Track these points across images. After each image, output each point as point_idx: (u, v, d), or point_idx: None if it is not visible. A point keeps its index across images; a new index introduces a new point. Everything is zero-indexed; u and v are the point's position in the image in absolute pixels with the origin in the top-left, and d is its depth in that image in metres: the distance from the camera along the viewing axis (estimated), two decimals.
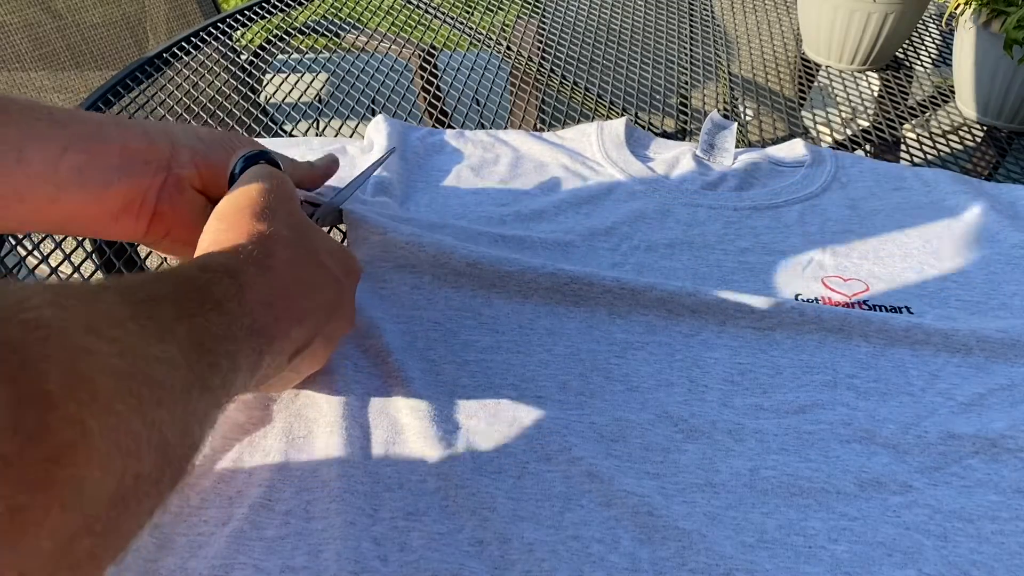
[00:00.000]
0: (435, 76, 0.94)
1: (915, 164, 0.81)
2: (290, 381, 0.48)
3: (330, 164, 0.59)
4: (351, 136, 0.79)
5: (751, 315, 0.55)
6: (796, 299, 0.58)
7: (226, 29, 0.98)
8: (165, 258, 0.62)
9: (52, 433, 0.22)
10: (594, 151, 0.72)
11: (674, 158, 0.72)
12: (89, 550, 0.24)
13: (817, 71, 0.98)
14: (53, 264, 0.65)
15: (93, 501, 0.23)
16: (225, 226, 0.41)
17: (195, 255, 0.40)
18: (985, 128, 0.86)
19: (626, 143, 0.73)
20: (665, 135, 0.82)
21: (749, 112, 0.93)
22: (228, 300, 0.35)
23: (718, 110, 0.89)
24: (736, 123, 0.75)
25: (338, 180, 0.60)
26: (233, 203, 0.43)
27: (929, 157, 0.83)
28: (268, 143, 0.72)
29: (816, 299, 0.58)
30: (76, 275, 0.64)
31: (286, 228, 0.42)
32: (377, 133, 0.71)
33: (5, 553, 0.20)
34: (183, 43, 0.93)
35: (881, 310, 0.57)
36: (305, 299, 0.42)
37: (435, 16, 1.08)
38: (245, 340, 0.36)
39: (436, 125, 0.84)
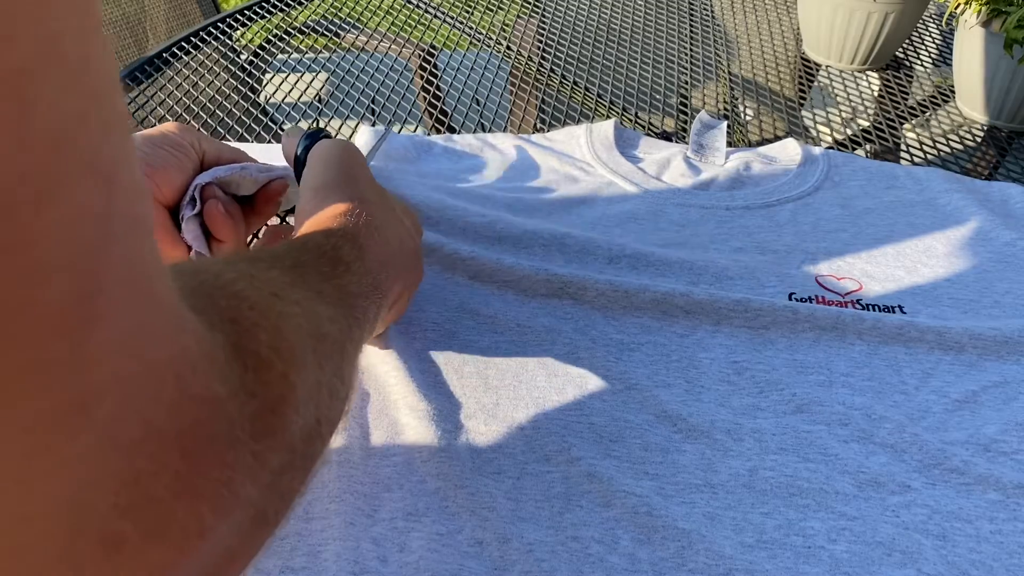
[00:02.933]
0: (435, 76, 0.94)
1: (915, 164, 0.81)
2: (377, 331, 0.51)
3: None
4: (351, 137, 0.79)
5: (745, 314, 0.55)
6: (790, 298, 0.58)
7: (226, 29, 0.98)
8: None
9: (270, 389, 0.26)
10: (583, 153, 0.72)
11: (664, 159, 0.72)
12: (290, 481, 0.28)
13: (817, 71, 0.98)
14: None
15: (296, 440, 0.28)
16: (323, 196, 0.45)
17: (297, 231, 0.43)
18: (985, 128, 0.86)
19: (615, 144, 0.73)
20: (665, 135, 0.82)
21: (749, 112, 0.93)
22: (354, 262, 0.40)
23: (718, 110, 0.89)
24: (726, 122, 0.75)
25: None
26: (322, 175, 0.47)
27: (929, 157, 0.83)
28: (267, 146, 0.72)
29: (810, 298, 0.58)
30: None
31: (371, 191, 0.46)
32: (363, 135, 0.71)
33: (248, 487, 0.24)
34: (183, 43, 0.93)
35: (874, 309, 0.57)
36: (400, 255, 0.46)
37: (435, 16, 1.08)
38: (370, 296, 0.40)
39: (436, 125, 0.85)
